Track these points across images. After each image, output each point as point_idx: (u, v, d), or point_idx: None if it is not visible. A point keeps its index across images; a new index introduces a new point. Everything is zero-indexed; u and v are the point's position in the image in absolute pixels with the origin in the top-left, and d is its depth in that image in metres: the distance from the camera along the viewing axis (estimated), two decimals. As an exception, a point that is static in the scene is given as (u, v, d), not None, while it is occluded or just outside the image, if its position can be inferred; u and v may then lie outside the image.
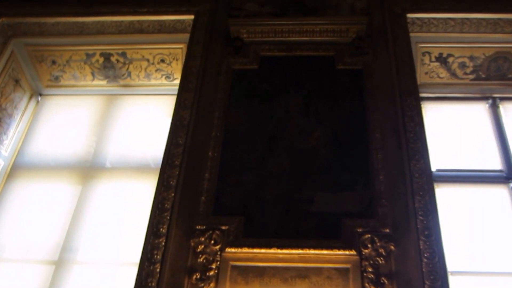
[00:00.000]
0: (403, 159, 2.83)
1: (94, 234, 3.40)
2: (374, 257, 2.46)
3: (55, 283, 3.16)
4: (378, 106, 3.11)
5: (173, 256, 2.55)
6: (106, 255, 3.29)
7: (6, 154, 3.92)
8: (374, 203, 2.67)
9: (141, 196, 3.53)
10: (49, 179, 3.83)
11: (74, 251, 3.31)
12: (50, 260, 3.30)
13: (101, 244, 3.34)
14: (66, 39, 4.12)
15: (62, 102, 4.35)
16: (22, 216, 3.60)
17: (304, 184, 2.81)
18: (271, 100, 3.24)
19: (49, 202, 3.66)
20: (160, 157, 3.62)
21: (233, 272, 2.48)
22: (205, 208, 2.72)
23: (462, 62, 3.77)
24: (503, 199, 3.13)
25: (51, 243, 3.39)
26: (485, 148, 3.43)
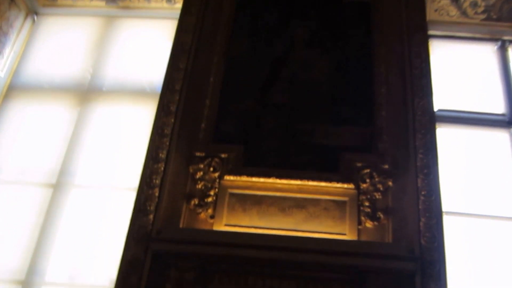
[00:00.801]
0: (406, 96, 2.76)
1: (92, 158, 3.34)
2: (372, 192, 2.44)
3: (53, 206, 3.14)
4: (385, 41, 3.00)
5: (171, 181, 2.52)
6: (104, 179, 3.26)
7: (2, 74, 3.80)
8: (375, 139, 2.61)
9: (140, 121, 3.45)
10: (46, 100, 3.74)
11: (72, 175, 3.27)
12: (48, 183, 3.27)
13: (99, 168, 3.29)
14: (64, -45, 3.90)
15: (59, 22, 4.17)
16: (19, 137, 3.52)
17: (305, 115, 2.73)
18: (276, 29, 3.10)
19: (46, 124, 3.57)
20: (160, 82, 3.54)
21: (231, 200, 2.46)
22: (205, 135, 2.66)
23: (474, 1, 3.61)
24: (503, 143, 3.09)
25: (49, 166, 3.33)
26: (489, 91, 3.34)
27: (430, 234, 2.32)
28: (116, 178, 3.25)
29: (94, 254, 2.83)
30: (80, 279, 2.80)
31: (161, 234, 2.29)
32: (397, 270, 2.19)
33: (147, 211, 2.41)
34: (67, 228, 3.02)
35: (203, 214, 2.44)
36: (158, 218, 2.40)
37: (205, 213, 2.43)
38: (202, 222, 2.42)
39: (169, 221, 2.41)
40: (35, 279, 2.80)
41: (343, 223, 2.38)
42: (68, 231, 3.00)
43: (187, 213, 2.45)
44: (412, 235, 2.33)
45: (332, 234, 2.34)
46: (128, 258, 2.31)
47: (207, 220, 2.42)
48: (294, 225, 2.38)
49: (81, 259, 2.87)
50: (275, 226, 2.38)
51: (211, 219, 2.42)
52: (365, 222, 2.39)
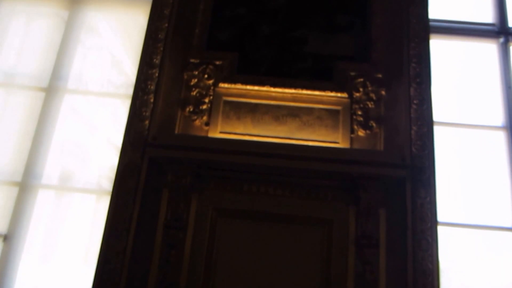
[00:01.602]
0: (401, 3, 2.65)
1: (84, 62, 3.22)
2: (365, 101, 2.41)
3: (46, 109, 3.06)
4: None
5: (166, 87, 2.46)
6: (99, 84, 3.14)
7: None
8: (369, 47, 2.54)
9: (132, 25, 3.30)
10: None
11: (64, 79, 3.16)
12: (40, 87, 3.16)
13: (93, 73, 3.17)
14: None
15: None
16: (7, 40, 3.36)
17: (299, 22, 2.62)
18: None
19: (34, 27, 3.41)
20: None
21: (225, 107, 2.42)
22: (199, 41, 2.55)
23: None
24: (492, 53, 3.04)
25: (39, 70, 3.22)
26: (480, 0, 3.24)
27: (421, 142, 2.34)
28: (110, 83, 3.14)
29: (90, 157, 2.80)
30: (76, 182, 2.78)
31: (157, 139, 2.26)
32: (389, 176, 2.22)
33: (143, 116, 2.37)
34: (62, 133, 2.96)
35: (198, 121, 2.40)
36: (153, 124, 2.37)
37: (200, 120, 2.40)
38: (197, 129, 2.39)
39: (165, 127, 2.38)
40: (32, 181, 2.78)
41: (336, 131, 2.37)
42: (63, 136, 2.94)
43: (182, 120, 2.41)
44: (403, 143, 2.35)
45: (325, 142, 2.35)
46: (125, 162, 2.30)
47: (202, 127, 2.39)
48: (288, 133, 2.37)
49: (77, 163, 2.84)
50: (269, 134, 2.37)
51: (206, 126, 2.39)
52: (358, 131, 2.38)
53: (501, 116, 2.86)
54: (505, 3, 3.17)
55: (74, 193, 2.70)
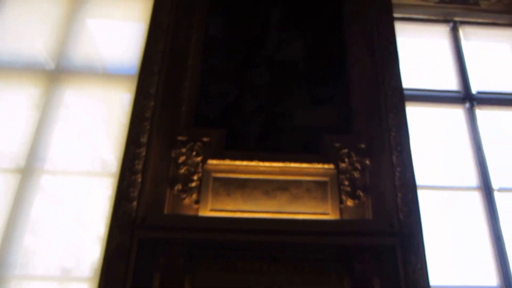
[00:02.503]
0: (377, 76, 2.72)
1: (64, 142, 3.12)
2: (351, 170, 2.40)
3: (23, 190, 2.91)
4: (354, 22, 2.92)
5: (154, 166, 2.38)
6: (78, 165, 3.04)
7: None
8: (350, 119, 2.57)
9: (114, 103, 3.24)
10: (11, 80, 3.44)
11: (42, 160, 3.03)
12: (17, 168, 3.02)
13: (71, 153, 3.07)
14: None
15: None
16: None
17: (283, 97, 2.64)
18: (250, 11, 2.95)
19: (14, 106, 3.30)
20: (133, 63, 3.33)
21: (215, 184, 2.35)
22: (186, 119, 2.52)
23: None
24: (459, 118, 3.14)
25: (16, 150, 3.08)
26: (446, 69, 3.38)
27: (407, 208, 2.33)
28: (91, 164, 3.03)
29: (73, 243, 2.64)
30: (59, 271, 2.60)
31: (146, 221, 2.16)
32: (379, 245, 2.18)
33: (131, 197, 2.27)
34: (39, 215, 2.80)
35: (187, 200, 2.31)
36: (142, 204, 2.27)
37: (189, 198, 2.31)
38: (187, 207, 2.31)
39: (154, 207, 2.28)
40: (5, 271, 2.58)
41: (326, 203, 2.33)
42: (40, 218, 2.78)
43: (171, 199, 2.32)
44: (390, 211, 2.32)
45: (316, 214, 2.30)
46: (113, 247, 2.17)
47: (192, 205, 2.31)
48: (278, 207, 2.31)
49: (58, 250, 2.67)
50: (259, 209, 2.30)
51: (196, 204, 2.31)
52: (346, 201, 2.35)
53: (475, 177, 2.90)
54: (467, 72, 3.31)
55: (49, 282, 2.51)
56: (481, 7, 3.70)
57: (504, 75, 3.37)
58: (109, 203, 2.76)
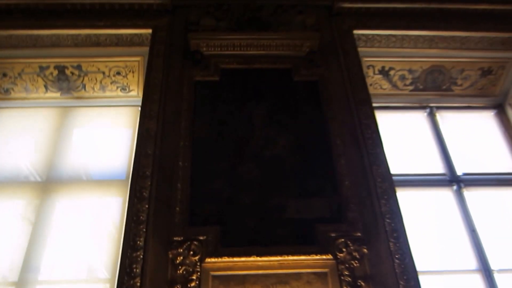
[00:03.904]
0: (365, 165, 2.74)
1: (57, 252, 3.01)
2: (349, 260, 2.32)
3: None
4: (336, 115, 3.01)
5: (152, 269, 2.29)
6: (72, 274, 2.92)
7: None
8: (343, 208, 2.54)
9: (106, 209, 3.19)
10: (3, 195, 3.38)
11: (35, 271, 2.90)
12: (10, 281, 2.88)
13: (66, 262, 2.96)
14: (19, 51, 3.70)
15: (14, 114, 3.89)
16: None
17: (274, 191, 2.64)
18: (235, 110, 3.05)
19: (5, 220, 3.22)
20: (123, 169, 3.34)
21: (214, 282, 2.25)
22: (181, 219, 2.48)
23: (402, 75, 3.78)
24: (448, 200, 3.12)
25: (10, 263, 2.96)
26: (429, 153, 3.42)
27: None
28: (86, 271, 2.92)
29: None
30: None
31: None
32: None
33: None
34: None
35: (184, 301, 2.18)
36: (141, 309, 2.13)
37: (188, 300, 2.18)
38: (189, 310, 2.17)
39: (153, 312, 2.14)
40: None
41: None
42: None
43: (170, 302, 2.18)
44: (394, 300, 2.20)
45: (319, 307, 2.17)
46: None
47: (192, 307, 2.17)
48: (281, 303, 2.18)
49: None
50: (262, 306, 2.17)
51: (196, 305, 2.18)
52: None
53: (473, 259, 2.82)
54: (449, 155, 3.35)
55: None
56: (455, 92, 3.84)
57: (485, 156, 3.41)
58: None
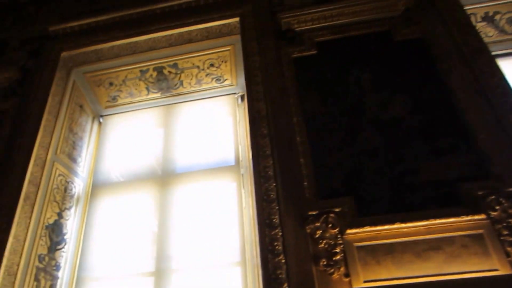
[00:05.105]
0: (497, 115, 2.41)
1: (185, 239, 3.03)
2: (506, 218, 2.05)
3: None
4: (451, 68, 2.72)
5: (292, 245, 2.20)
6: (203, 258, 2.91)
7: (83, 174, 3.57)
8: (485, 163, 2.27)
9: (223, 194, 3.16)
10: (127, 192, 3.48)
11: (169, 260, 2.92)
12: (148, 272, 2.92)
13: (195, 248, 2.96)
14: (121, 60, 3.81)
15: (122, 119, 4.03)
16: (112, 231, 3.24)
17: (401, 155, 2.43)
18: (340, 80, 2.87)
19: (133, 214, 3.31)
20: (230, 155, 3.28)
21: (360, 253, 2.10)
22: (311, 193, 2.36)
23: (510, 18, 3.34)
24: None
25: (145, 255, 3.01)
26: None
27: None
28: (213, 255, 2.89)
29: None
30: None
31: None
32: None
33: (280, 279, 2.08)
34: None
35: (336, 274, 2.07)
36: (292, 285, 2.05)
37: (338, 273, 2.07)
38: (337, 282, 2.06)
39: (304, 287, 2.02)
40: None
41: (490, 258, 2.00)
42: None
43: (319, 276, 2.10)
44: None
45: (483, 272, 1.95)
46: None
47: (342, 279, 2.06)
48: (437, 269, 2.00)
49: None
50: (416, 274, 2.01)
51: (345, 277, 2.06)
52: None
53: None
54: None
55: None
56: None
57: None
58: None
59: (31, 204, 2.96)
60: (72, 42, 3.71)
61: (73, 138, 3.60)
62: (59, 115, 3.47)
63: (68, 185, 3.39)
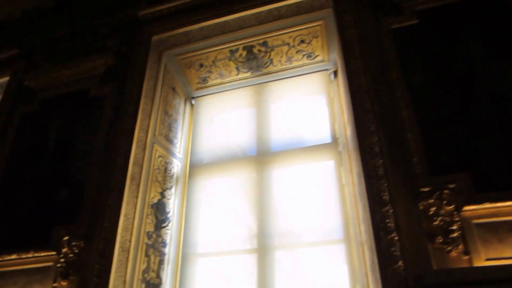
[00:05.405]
0: None
1: (284, 217, 3.12)
2: None
3: (261, 270, 2.91)
4: None
5: (404, 222, 2.18)
6: (303, 236, 2.99)
7: (180, 155, 3.78)
8: None
9: (321, 174, 3.21)
10: (224, 172, 3.63)
11: (272, 237, 3.04)
12: (251, 249, 3.06)
13: (295, 226, 3.05)
14: (210, 41, 3.89)
15: (213, 100, 4.17)
16: (212, 209, 3.42)
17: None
18: (447, 49, 2.74)
19: (232, 194, 3.46)
20: (326, 132, 3.30)
21: (480, 231, 2.04)
22: (421, 169, 2.31)
23: None
24: None
25: (248, 232, 3.15)
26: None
27: None
28: (316, 232, 2.96)
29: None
30: None
31: (424, 279, 1.90)
32: None
33: (394, 257, 2.08)
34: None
35: (454, 252, 2.04)
36: (407, 263, 2.03)
37: (456, 250, 2.03)
38: (455, 260, 2.02)
39: (420, 264, 2.03)
40: None
41: None
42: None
43: (435, 253, 2.06)
44: None
45: None
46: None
47: (461, 257, 2.02)
48: None
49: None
50: (543, 252, 1.90)
51: (465, 255, 2.02)
52: None
53: None
54: None
55: None
56: None
57: None
58: (349, 271, 2.62)
59: (136, 184, 3.20)
60: (162, 25, 3.83)
61: (169, 120, 3.81)
62: (154, 98, 3.67)
63: (167, 165, 3.61)
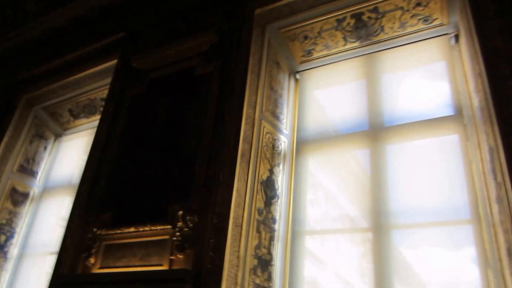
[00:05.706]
0: None
1: (401, 195, 2.96)
2: None
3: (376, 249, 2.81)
4: None
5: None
6: (422, 215, 2.82)
7: (286, 132, 3.74)
8: None
9: (443, 148, 2.98)
10: (333, 148, 3.53)
11: (387, 216, 2.91)
12: (365, 228, 2.96)
13: (414, 204, 2.89)
14: (315, 10, 3.74)
15: (319, 73, 4.03)
16: (320, 187, 3.36)
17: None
18: None
19: (342, 171, 3.35)
20: (449, 104, 3.05)
21: None
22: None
23: None
24: None
25: (360, 210, 3.05)
26: None
27: None
28: (438, 211, 2.77)
29: None
30: None
31: None
32: None
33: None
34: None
35: None
36: None
37: None
38: None
39: None
40: None
41: None
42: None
43: None
44: None
45: None
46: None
47: None
48: None
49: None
50: None
51: None
52: None
53: None
54: None
55: None
56: None
57: None
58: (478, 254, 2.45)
59: (246, 161, 3.22)
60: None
61: (274, 95, 3.77)
62: (260, 73, 3.63)
63: (275, 142, 3.58)
